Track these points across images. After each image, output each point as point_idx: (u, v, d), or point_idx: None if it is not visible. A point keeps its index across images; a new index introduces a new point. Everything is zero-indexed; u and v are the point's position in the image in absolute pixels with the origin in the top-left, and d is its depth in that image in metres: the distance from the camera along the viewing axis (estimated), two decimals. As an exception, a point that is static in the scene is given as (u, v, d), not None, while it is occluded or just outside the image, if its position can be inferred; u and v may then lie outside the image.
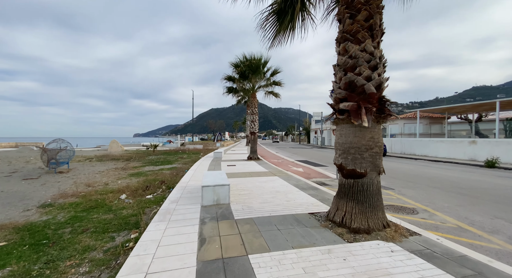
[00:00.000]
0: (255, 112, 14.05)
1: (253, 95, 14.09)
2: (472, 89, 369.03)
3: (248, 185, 6.90)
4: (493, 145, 13.39)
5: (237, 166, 11.49)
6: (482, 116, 22.96)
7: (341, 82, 3.70)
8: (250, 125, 14.27)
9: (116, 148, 26.13)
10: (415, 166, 12.42)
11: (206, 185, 4.83)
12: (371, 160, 3.54)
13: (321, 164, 13.09)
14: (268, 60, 13.42)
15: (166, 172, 10.23)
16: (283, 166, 11.78)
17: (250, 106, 14.17)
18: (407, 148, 20.34)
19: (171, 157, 17.57)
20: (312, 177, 9.00)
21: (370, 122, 3.43)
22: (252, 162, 12.92)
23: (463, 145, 15.15)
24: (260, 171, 9.63)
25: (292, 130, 77.40)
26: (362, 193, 3.53)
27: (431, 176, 9.20)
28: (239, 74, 13.14)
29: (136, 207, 5.37)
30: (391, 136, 25.58)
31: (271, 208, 4.63)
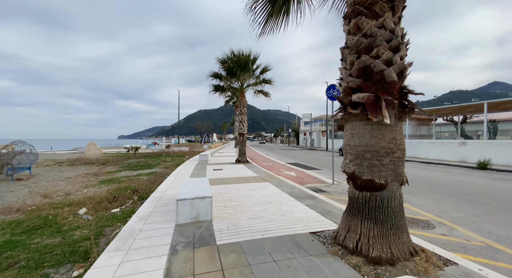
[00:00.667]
0: (244, 112, 13.16)
1: (241, 94, 13.21)
2: (449, 93, 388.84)
3: (235, 193, 5.98)
4: (483, 146, 13.30)
5: (224, 170, 10.53)
6: (467, 118, 23.42)
7: (352, 68, 2.90)
8: (238, 126, 13.36)
9: (94, 150, 24.28)
10: (410, 168, 12.00)
11: (183, 198, 3.87)
12: (393, 168, 2.76)
13: (313, 167, 12.39)
14: (257, 57, 12.63)
15: (143, 178, 9.09)
16: (274, 170, 10.96)
17: (239, 106, 13.27)
18: (397, 150, 20.19)
19: (153, 161, 16.28)
20: (306, 182, 8.22)
21: (392, 118, 2.65)
22: (241, 166, 12.00)
23: (453, 146, 15.05)
24: (249, 176, 8.74)
25: (281, 132, 77.15)
26: (382, 211, 2.74)
27: (430, 180, 8.70)
28: (227, 71, 12.21)
29: (94, 226, 4.31)
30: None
31: (263, 226, 3.75)
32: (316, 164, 13.81)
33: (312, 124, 41.47)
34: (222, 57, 12.05)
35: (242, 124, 13.13)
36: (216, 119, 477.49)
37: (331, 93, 8.00)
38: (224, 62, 11.90)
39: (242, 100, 13.19)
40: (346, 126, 3.17)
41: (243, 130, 13.16)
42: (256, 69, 13.32)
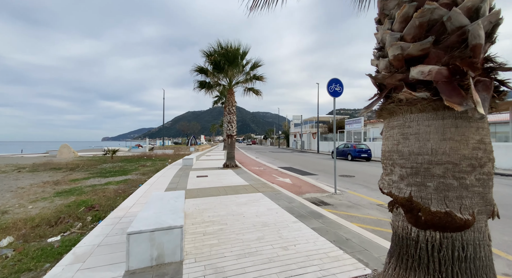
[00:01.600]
0: (233, 112, 11.93)
1: (230, 92, 11.98)
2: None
3: (220, 211, 4.73)
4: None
5: (209, 177, 9.22)
6: None
7: (407, 27, 1.77)
8: (226, 127, 12.10)
9: (67, 153, 22.10)
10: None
11: (137, 230, 2.59)
12: (481, 191, 1.64)
13: (309, 172, 11.32)
14: (247, 51, 11.47)
15: (111, 189, 7.61)
16: (266, 176, 9.77)
17: (227, 105, 12.03)
18: (390, 153, 19.64)
19: (131, 165, 14.64)
20: (305, 191, 7.09)
21: (487, 107, 1.53)
22: (229, 171, 10.72)
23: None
24: (238, 185, 7.50)
25: (271, 134, 76.37)
26: (465, 266, 1.60)
27: None
28: (213, 65, 10.94)
29: (8, 269, 2.92)
30: (370, 140, 25.11)
31: (258, 271, 2.53)
32: (311, 169, 12.78)
33: (303, 126, 40.83)
34: (208, 50, 10.79)
35: (231, 125, 11.88)
36: (205, 120, 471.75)
37: (333, 88, 6.95)
38: (210, 55, 10.63)
39: (230, 98, 11.95)
40: (390, 121, 2.03)
41: (231, 131, 11.91)
42: (246, 65, 12.16)
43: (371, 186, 7.91)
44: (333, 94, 6.94)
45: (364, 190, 7.39)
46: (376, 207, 5.48)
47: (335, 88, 6.96)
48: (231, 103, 11.95)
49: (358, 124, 24.69)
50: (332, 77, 7.07)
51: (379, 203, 5.78)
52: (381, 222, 4.52)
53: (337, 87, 6.98)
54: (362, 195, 6.63)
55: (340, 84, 7.02)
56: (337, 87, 6.98)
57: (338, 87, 6.99)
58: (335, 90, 6.96)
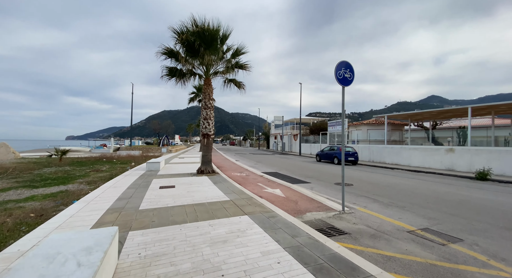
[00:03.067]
0: (210, 106, 9.88)
1: (207, 82, 9.92)
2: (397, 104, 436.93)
3: (182, 261, 2.76)
4: (473, 153, 12.30)
5: (177, 188, 7.11)
6: (437, 124, 23.74)
7: None
8: (202, 124, 10.00)
9: (5, 154, 18.12)
10: (404, 179, 10.13)
11: None
12: None
13: (299, 179, 9.69)
14: (228, 34, 9.53)
15: (28, 208, 5.19)
16: (251, 186, 7.91)
17: (203, 98, 9.96)
18: (376, 156, 18.98)
19: (81, 170, 11.82)
20: (304, 209, 5.37)
21: None
22: (204, 179, 8.67)
23: (440, 153, 13.99)
24: (215, 201, 5.55)
25: (251, 135, 74.64)
26: None
27: (459, 199, 6.63)
28: (186, 47, 8.80)
29: None
30: (352, 143, 24.52)
31: None
32: (300, 174, 11.19)
33: (284, 128, 39.69)
34: (179, 28, 8.63)
35: (207, 122, 9.82)
36: (182, 120, 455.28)
37: (341, 74, 5.34)
38: (182, 33, 8.49)
39: (207, 90, 9.89)
40: None
41: (208, 129, 9.85)
42: (227, 51, 10.21)
43: (380, 199, 6.45)
44: (342, 82, 5.32)
45: (375, 205, 5.88)
46: (410, 237, 3.92)
47: (345, 74, 5.36)
48: (208, 95, 9.90)
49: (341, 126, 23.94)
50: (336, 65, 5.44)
51: (410, 229, 4.24)
52: (437, 269, 2.92)
53: (347, 73, 5.39)
54: (378, 215, 5.07)
55: (350, 70, 5.43)
56: (347, 73, 5.38)
57: (348, 73, 5.40)
58: (345, 76, 5.36)
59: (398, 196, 6.89)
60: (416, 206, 5.81)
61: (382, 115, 20.27)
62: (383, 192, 7.42)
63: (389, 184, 8.86)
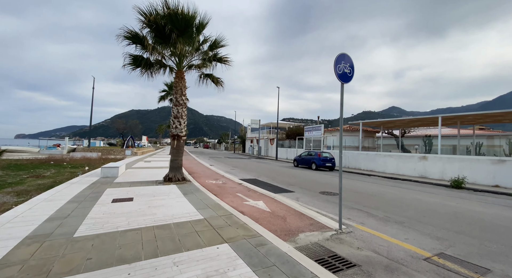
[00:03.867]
0: (182, 103, 8.55)
1: (179, 75, 8.59)
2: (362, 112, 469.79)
3: None
4: (445, 162, 12.70)
5: (135, 202, 5.68)
6: (405, 132, 25.04)
7: None
8: (172, 123, 8.60)
9: None
10: (387, 188, 9.88)
11: None
12: None
13: (281, 188, 8.80)
14: (206, 23, 8.35)
15: None
16: (229, 197, 6.76)
17: (175, 93, 8.59)
18: (351, 162, 19.07)
19: (16, 175, 9.50)
20: (295, 228, 4.42)
21: None
22: (172, 189, 7.29)
23: (413, 160, 14.31)
24: (184, 221, 4.32)
25: (226, 138, 72.86)
26: None
27: (451, 211, 6.28)
28: (154, 31, 7.42)
29: None
30: (328, 148, 24.69)
31: None
32: (281, 181, 10.32)
33: (260, 132, 39.05)
34: (147, 9, 7.23)
35: (178, 121, 8.46)
36: (152, 121, 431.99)
37: (341, 68, 4.57)
38: (150, 14, 7.11)
39: (179, 84, 8.56)
40: None
41: (179, 129, 8.49)
42: (204, 43, 9.03)
43: (374, 212, 5.80)
44: (341, 78, 4.55)
45: (372, 221, 5.17)
46: (431, 268, 3.16)
47: (344, 68, 4.60)
48: (180, 90, 8.56)
49: (318, 131, 23.96)
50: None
51: (425, 256, 3.51)
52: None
53: (347, 68, 4.64)
54: (381, 235, 4.33)
55: (350, 65, 4.70)
56: (346, 68, 4.63)
57: (348, 68, 4.65)
58: (344, 71, 4.60)
59: (390, 208, 6.34)
60: (414, 221, 5.23)
61: (357, 121, 20.61)
62: (372, 202, 6.84)
63: (374, 193, 8.40)
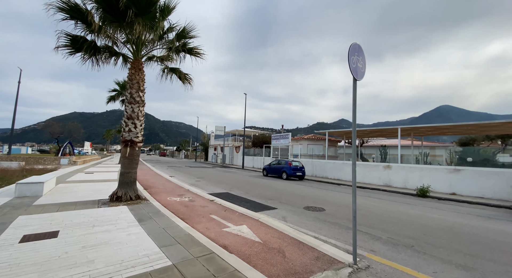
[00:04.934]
0: (138, 100, 6.76)
1: (136, 65, 6.83)
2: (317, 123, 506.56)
3: None
4: (407, 171, 13.37)
5: (61, 238, 3.77)
6: (364, 142, 26.72)
7: None
8: (125, 125, 6.70)
9: None
10: (364, 199, 9.64)
11: None
12: None
13: (259, 203, 7.62)
14: (172, 7, 6.85)
15: None
16: (203, 222, 5.24)
17: (130, 87, 6.76)
18: (318, 171, 19.09)
19: None
20: (300, 267, 3.27)
21: None
22: (122, 214, 5.42)
23: (378, 169, 14.82)
24: (139, 275, 2.75)
25: (186, 146, 68.48)
26: None
27: (445, 227, 5.98)
28: (102, 4, 5.65)
29: None
30: (294, 156, 24.66)
31: None
32: (256, 195, 9.14)
33: (225, 139, 37.43)
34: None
35: (133, 123, 6.62)
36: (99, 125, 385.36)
37: (355, 62, 3.75)
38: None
39: (136, 76, 6.79)
40: None
41: (134, 134, 6.64)
42: (170, 31, 7.49)
43: (374, 233, 5.07)
44: (355, 73, 3.72)
45: (380, 245, 4.39)
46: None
47: (358, 62, 3.80)
48: (136, 84, 6.79)
49: (286, 140, 23.74)
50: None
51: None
52: None
53: (360, 61, 3.85)
54: (406, 269, 3.50)
55: (362, 58, 3.93)
56: (359, 62, 3.84)
57: (360, 62, 3.86)
58: (358, 65, 3.79)
59: (385, 225, 5.74)
60: (421, 242, 4.62)
61: (324, 130, 21.02)
62: (364, 219, 6.19)
63: (358, 207, 7.89)
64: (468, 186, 10.97)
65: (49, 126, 27.48)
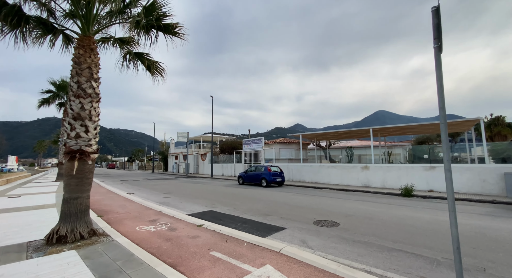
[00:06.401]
0: (90, 93, 4.70)
1: (87, 43, 4.79)
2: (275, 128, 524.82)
3: None
4: (385, 170, 13.62)
5: None
6: (331, 144, 27.49)
7: None
8: (70, 129, 4.56)
9: None
10: (357, 203, 9.12)
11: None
12: None
13: (261, 222, 6.20)
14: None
15: None
16: (206, 270, 3.57)
17: (77, 74, 4.67)
18: (295, 175, 18.50)
19: None
20: None
21: None
22: (68, 268, 3.35)
23: (356, 170, 14.85)
24: None
25: (140, 155, 61.59)
26: None
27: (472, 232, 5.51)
28: None
29: None
30: (266, 161, 23.80)
31: None
32: (248, 210, 7.66)
33: (188, 146, 34.41)
34: None
35: (84, 126, 4.53)
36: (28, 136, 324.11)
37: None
38: None
39: (86, 59, 4.74)
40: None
41: (85, 140, 4.53)
42: (133, 5, 5.63)
43: (408, 249, 4.20)
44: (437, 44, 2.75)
45: (427, 270, 3.48)
46: None
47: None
48: (87, 70, 4.73)
49: (259, 144, 22.66)
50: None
51: None
52: None
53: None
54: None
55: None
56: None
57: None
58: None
59: (418, 239, 4.99)
60: (492, 263, 3.90)
61: (297, 134, 20.69)
62: (386, 232, 5.37)
63: (368, 215, 7.15)
64: (443, 183, 11.55)
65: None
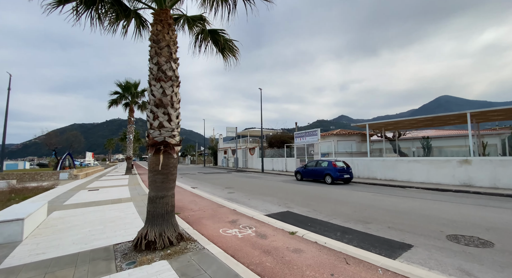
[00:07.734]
0: (170, 76, 4.04)
1: (164, 18, 4.12)
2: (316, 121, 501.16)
3: None
4: (496, 165, 10.51)
5: None
6: (401, 134, 23.67)
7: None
8: (152, 118, 3.98)
9: None
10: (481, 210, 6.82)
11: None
12: None
13: (376, 235, 4.86)
14: None
15: None
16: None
17: (156, 54, 4.06)
18: (363, 171, 16.24)
19: None
20: None
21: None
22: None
23: (451, 165, 11.95)
24: None
25: (191, 150, 65.72)
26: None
27: None
28: None
29: None
30: (322, 155, 21.79)
31: None
32: (334, 213, 6.35)
33: (236, 141, 34.66)
34: None
35: (167, 114, 3.89)
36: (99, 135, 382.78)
37: None
38: None
39: (165, 35, 4.05)
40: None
41: (168, 130, 3.89)
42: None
43: None
44: None
45: None
46: None
47: None
48: (166, 48, 4.02)
49: (314, 137, 20.88)
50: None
51: None
52: None
53: None
54: None
55: None
56: None
57: None
58: None
59: None
60: None
61: (362, 123, 18.19)
62: None
63: (506, 227, 5.07)
64: None
65: (46, 138, 24.79)
